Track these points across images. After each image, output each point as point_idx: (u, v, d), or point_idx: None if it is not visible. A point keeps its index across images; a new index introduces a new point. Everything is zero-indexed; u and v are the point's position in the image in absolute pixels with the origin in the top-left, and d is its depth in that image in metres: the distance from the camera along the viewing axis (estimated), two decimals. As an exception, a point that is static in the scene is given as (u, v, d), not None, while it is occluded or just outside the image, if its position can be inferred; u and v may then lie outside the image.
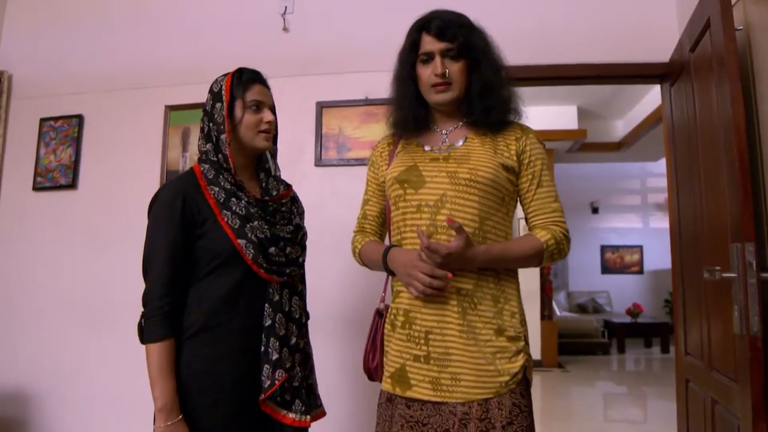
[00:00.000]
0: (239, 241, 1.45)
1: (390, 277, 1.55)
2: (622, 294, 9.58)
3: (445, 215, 1.39)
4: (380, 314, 1.57)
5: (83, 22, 3.22)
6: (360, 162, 2.75)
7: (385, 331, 1.53)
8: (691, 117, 2.18)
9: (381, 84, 2.76)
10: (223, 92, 1.52)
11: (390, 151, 1.61)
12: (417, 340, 1.41)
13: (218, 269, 1.46)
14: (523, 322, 1.46)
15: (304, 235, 1.67)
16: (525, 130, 1.52)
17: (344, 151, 2.79)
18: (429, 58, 1.46)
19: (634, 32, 2.70)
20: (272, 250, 1.50)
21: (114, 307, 2.86)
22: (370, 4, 2.89)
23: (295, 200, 1.70)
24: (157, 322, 1.41)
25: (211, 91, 1.57)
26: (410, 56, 1.50)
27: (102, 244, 2.96)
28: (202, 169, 1.52)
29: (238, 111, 1.53)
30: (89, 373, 2.87)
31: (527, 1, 2.83)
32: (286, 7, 2.93)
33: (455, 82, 1.46)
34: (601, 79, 2.82)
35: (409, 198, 1.46)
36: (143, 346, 1.43)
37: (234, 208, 1.48)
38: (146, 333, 1.42)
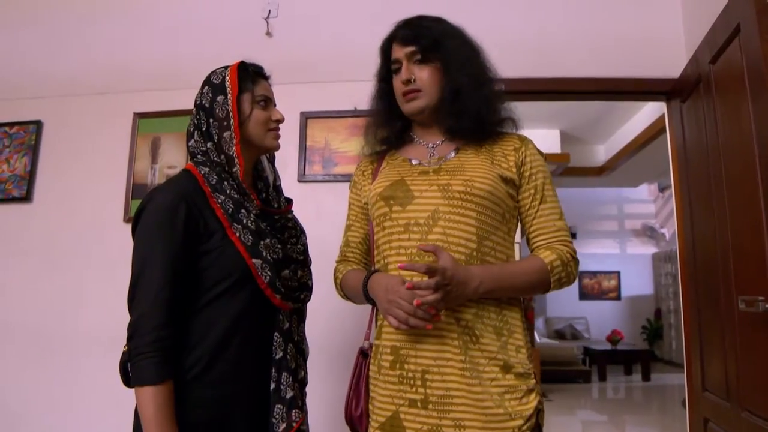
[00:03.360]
0: (254, 260, 1.21)
1: (375, 309, 1.35)
2: (600, 320, 9.50)
3: (438, 235, 1.21)
4: (365, 354, 1.35)
5: (45, 19, 2.96)
6: (347, 178, 2.52)
7: (371, 373, 1.30)
8: (711, 135, 2.02)
9: (370, 94, 2.60)
10: (228, 84, 1.30)
11: (374, 169, 1.44)
12: (412, 382, 1.20)
13: (225, 294, 1.22)
14: (530, 357, 1.25)
15: (310, 257, 1.48)
16: (524, 140, 1.35)
17: (330, 165, 2.56)
18: (399, 66, 1.32)
19: (638, 47, 2.57)
20: (285, 273, 1.28)
21: (69, 337, 2.55)
22: (359, 8, 2.71)
23: (294, 218, 1.49)
24: (153, 359, 1.10)
25: (208, 83, 1.33)
26: (383, 69, 1.39)
27: (57, 264, 2.66)
28: (201, 172, 1.27)
29: (245, 105, 1.31)
30: (34, 413, 2.53)
31: (526, 12, 2.69)
32: (270, 11, 2.73)
33: (425, 89, 1.30)
34: (603, 94, 2.67)
35: (395, 216, 1.27)
36: (110, 386, 1.16)
37: (245, 221, 1.24)
38: (137, 373, 1.11)
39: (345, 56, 2.65)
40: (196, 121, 1.33)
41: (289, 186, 2.54)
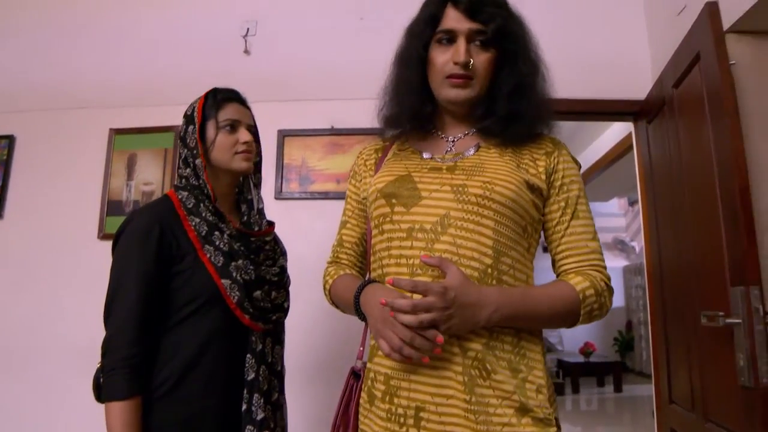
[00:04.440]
0: (223, 281, 1.25)
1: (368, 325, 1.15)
2: (572, 332, 9.59)
3: (447, 244, 1.00)
4: (356, 375, 1.17)
5: (22, 33, 2.94)
6: (324, 196, 2.55)
7: (361, 401, 1.11)
8: (675, 155, 2.11)
9: (348, 113, 2.63)
10: (195, 114, 1.37)
11: (377, 159, 1.24)
12: (402, 420, 1.00)
13: (195, 314, 1.25)
14: (551, 399, 1.04)
15: (288, 278, 1.50)
16: (557, 143, 1.15)
17: (307, 183, 2.59)
18: (450, 39, 1.09)
19: (607, 70, 2.66)
20: (257, 293, 1.31)
21: (42, 354, 2.51)
22: (337, 28, 2.75)
23: (276, 239, 1.52)
24: (124, 375, 1.15)
25: (185, 115, 1.41)
26: (425, 32, 1.11)
27: (30, 280, 2.62)
28: (179, 196, 1.33)
29: (210, 132, 1.37)
30: (7, 428, 2.48)
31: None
32: (248, 29, 2.75)
33: (478, 78, 1.09)
34: (573, 115, 2.75)
35: (397, 219, 1.07)
36: (81, 404, 1.19)
37: (217, 243, 1.29)
38: (108, 389, 1.16)
39: (322, 75, 2.69)
40: (179, 150, 1.40)
41: (266, 203, 2.56)
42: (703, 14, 1.79)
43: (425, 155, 1.15)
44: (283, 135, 2.61)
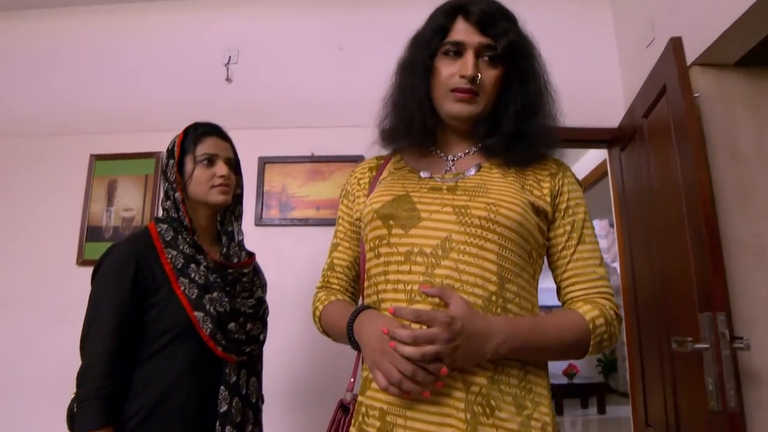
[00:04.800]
0: (196, 313, 1.28)
1: (361, 354, 1.07)
2: (557, 354, 9.61)
3: (448, 269, 0.94)
4: (345, 409, 1.07)
5: (3, 59, 2.96)
6: (304, 222, 2.58)
7: None
8: (645, 182, 2.17)
9: (328, 140, 2.67)
10: (175, 149, 1.42)
11: (371, 178, 1.17)
12: None
13: (169, 346, 1.27)
14: None
15: (266, 309, 1.52)
16: (561, 165, 1.10)
17: (287, 210, 2.61)
18: (457, 51, 1.03)
19: (581, 99, 2.71)
20: (231, 325, 1.33)
21: (19, 382, 2.48)
22: (317, 57, 2.80)
23: (257, 270, 1.54)
24: (96, 406, 1.18)
25: (167, 150, 1.46)
26: (433, 41, 1.05)
27: (8, 306, 2.60)
28: (158, 229, 1.37)
29: (188, 166, 1.41)
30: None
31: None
32: (230, 57, 2.80)
33: (484, 94, 1.04)
34: (549, 141, 2.81)
35: (394, 241, 1.00)
36: None
37: (193, 275, 1.32)
38: (80, 419, 1.18)
39: (303, 103, 2.73)
40: (162, 184, 1.45)
41: (246, 230, 2.56)
42: (668, 48, 1.86)
43: (423, 174, 1.08)
44: (264, 162, 2.64)
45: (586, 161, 6.29)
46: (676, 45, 1.81)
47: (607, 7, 2.87)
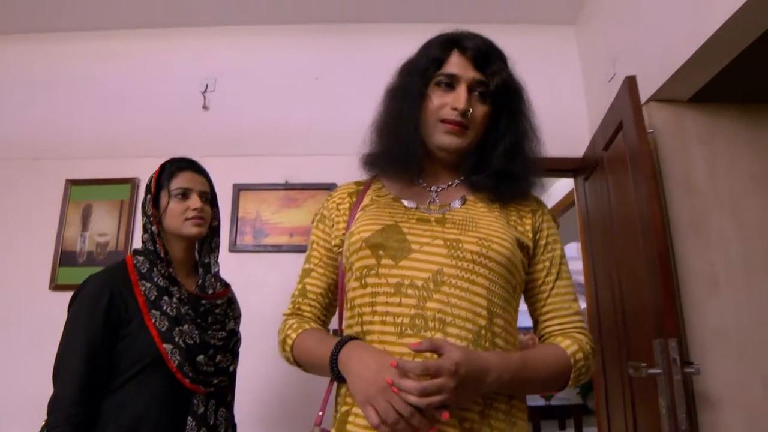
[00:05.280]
0: (165, 345, 1.32)
1: (335, 384, 1.04)
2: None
3: (440, 303, 0.93)
4: None
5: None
6: (277, 249, 2.62)
7: None
8: (607, 210, 2.26)
9: (302, 168, 2.73)
10: (151, 183, 1.49)
11: (352, 204, 1.14)
12: None
13: (138, 376, 1.31)
14: None
15: (238, 341, 1.56)
16: (540, 202, 1.14)
17: (261, 236, 2.65)
18: (450, 84, 1.05)
19: (549, 129, 2.76)
20: (200, 358, 1.37)
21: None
22: (293, 87, 2.88)
23: (231, 302, 1.59)
24: None
25: (146, 185, 1.53)
26: (429, 70, 1.07)
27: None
28: (135, 261, 1.43)
29: (163, 200, 1.48)
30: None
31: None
32: (207, 85, 2.86)
33: (473, 128, 1.06)
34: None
35: (384, 272, 0.97)
36: None
37: (164, 307, 1.36)
38: None
39: (278, 131, 2.79)
40: (141, 218, 1.50)
41: (220, 256, 2.61)
42: (624, 86, 1.96)
43: (408, 204, 1.08)
44: (239, 189, 2.68)
45: (560, 186, 6.44)
46: (631, 84, 1.91)
47: (573, 40, 3.00)
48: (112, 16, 2.95)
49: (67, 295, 1.41)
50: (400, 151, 1.06)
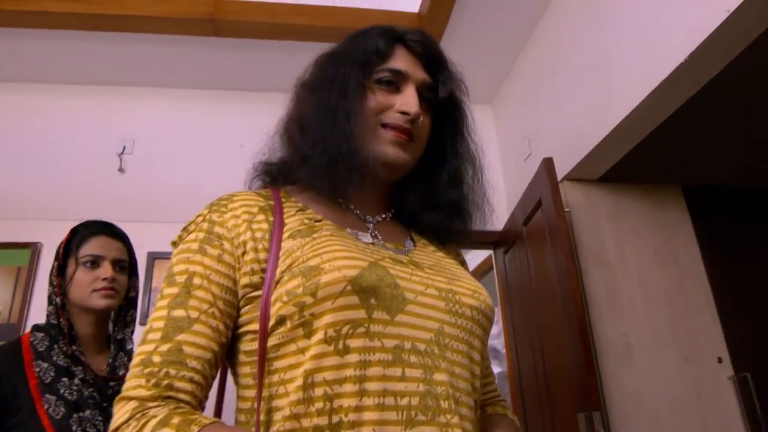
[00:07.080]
0: None
1: None
2: None
3: (445, 374, 0.67)
4: None
5: None
6: (195, 318, 2.47)
7: None
8: (527, 281, 2.34)
9: (222, 236, 2.63)
10: (60, 249, 1.34)
11: (272, 225, 0.74)
12: None
13: None
14: None
15: None
16: (460, 252, 0.97)
17: (177, 306, 2.50)
18: (394, 82, 0.81)
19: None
20: None
21: None
22: (217, 153, 2.81)
23: None
24: None
25: (55, 251, 1.38)
26: (371, 61, 0.81)
27: None
28: (32, 339, 1.26)
29: (69, 268, 1.33)
30: None
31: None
32: (124, 147, 2.74)
33: (417, 143, 0.82)
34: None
35: (377, 330, 0.65)
36: None
37: (62, 391, 1.20)
38: None
39: (199, 198, 2.61)
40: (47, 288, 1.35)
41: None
42: (542, 167, 2.09)
43: (353, 233, 0.79)
44: (153, 257, 2.54)
45: (475, 254, 6.64)
46: (548, 166, 2.04)
47: (491, 119, 3.18)
48: (23, 68, 2.80)
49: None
50: (335, 155, 0.75)
